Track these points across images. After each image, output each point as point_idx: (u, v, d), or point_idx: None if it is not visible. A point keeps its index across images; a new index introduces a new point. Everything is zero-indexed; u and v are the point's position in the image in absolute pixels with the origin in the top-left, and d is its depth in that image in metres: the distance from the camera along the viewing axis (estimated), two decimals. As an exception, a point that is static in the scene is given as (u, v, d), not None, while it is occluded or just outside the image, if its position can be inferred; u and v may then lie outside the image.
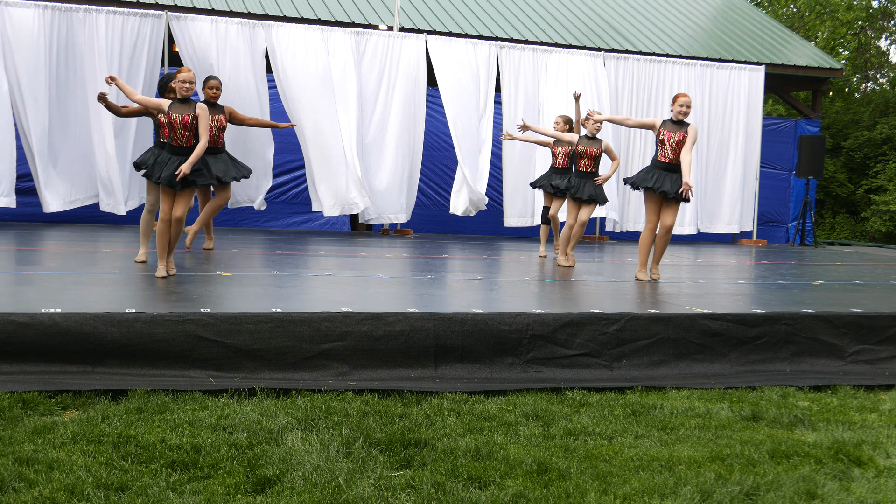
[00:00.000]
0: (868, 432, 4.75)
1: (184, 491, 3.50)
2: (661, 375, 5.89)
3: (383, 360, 5.50)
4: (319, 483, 3.62)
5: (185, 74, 7.02)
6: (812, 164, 16.34)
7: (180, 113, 7.00)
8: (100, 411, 4.44)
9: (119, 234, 11.28)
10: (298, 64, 13.03)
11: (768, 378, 5.96)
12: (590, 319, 5.94)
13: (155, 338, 5.18)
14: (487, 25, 15.94)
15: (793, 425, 4.86)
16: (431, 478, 3.72)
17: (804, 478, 3.95)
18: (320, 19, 14.50)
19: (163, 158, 7.07)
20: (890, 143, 22.09)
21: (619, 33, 17.13)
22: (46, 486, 3.46)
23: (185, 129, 7.00)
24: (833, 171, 22.50)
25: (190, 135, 7.01)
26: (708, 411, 5.03)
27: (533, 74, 14.24)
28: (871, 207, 21.42)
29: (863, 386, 5.87)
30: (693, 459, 4.16)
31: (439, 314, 5.67)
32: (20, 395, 4.55)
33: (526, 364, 5.72)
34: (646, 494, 3.69)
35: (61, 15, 12.11)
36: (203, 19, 12.69)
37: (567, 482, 3.76)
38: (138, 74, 12.33)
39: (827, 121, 22.84)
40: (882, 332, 6.54)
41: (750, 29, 19.06)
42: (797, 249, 15.25)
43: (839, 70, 18.27)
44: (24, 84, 11.93)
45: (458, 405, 4.91)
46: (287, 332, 5.37)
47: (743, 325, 6.25)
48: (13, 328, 4.99)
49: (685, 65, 15.34)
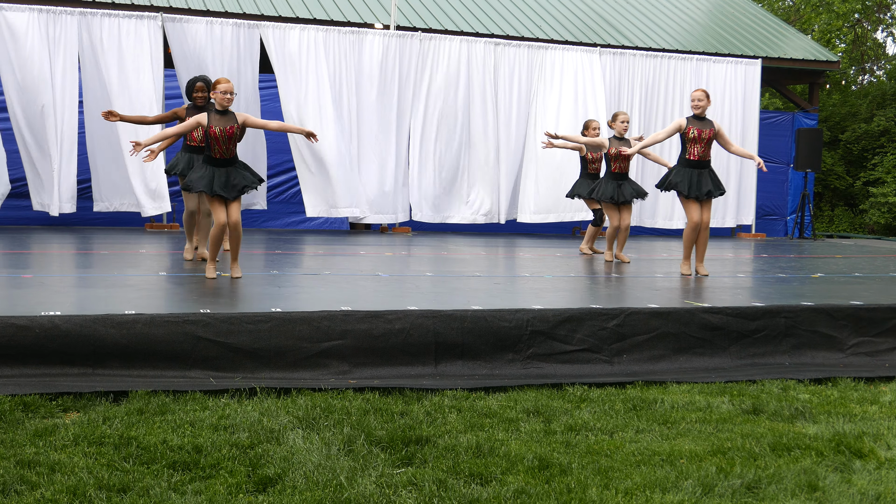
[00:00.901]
0: (869, 424, 4.75)
1: (185, 491, 3.50)
2: (661, 370, 5.89)
3: (383, 357, 5.50)
4: (321, 481, 3.62)
5: (225, 85, 6.94)
6: (810, 158, 16.34)
7: (223, 125, 6.97)
8: (101, 413, 4.44)
9: (114, 237, 11.28)
10: (299, 64, 13.03)
11: (768, 371, 5.97)
12: (589, 315, 5.94)
13: (155, 339, 5.18)
14: (483, 22, 15.93)
15: (794, 418, 4.87)
16: (433, 475, 3.73)
17: (805, 470, 3.95)
18: (316, 19, 14.49)
19: (208, 173, 7.07)
20: (887, 135, 22.09)
21: (615, 28, 17.12)
22: (48, 488, 3.46)
23: (229, 140, 7.00)
24: (831, 164, 22.49)
25: (234, 146, 7.05)
26: (709, 405, 5.03)
27: (527, 71, 14.23)
28: (870, 200, 21.41)
29: (863, 378, 5.87)
30: (694, 453, 4.16)
31: (439, 311, 5.68)
32: (21, 398, 4.55)
33: (526, 360, 5.72)
34: (647, 489, 3.69)
35: (55, 18, 12.10)
36: (197, 20, 12.68)
37: (569, 477, 3.77)
38: (140, 79, 12.29)
39: (824, 114, 22.84)
40: (882, 323, 6.55)
41: (746, 22, 19.05)
42: (796, 242, 15.25)
43: (836, 63, 18.26)
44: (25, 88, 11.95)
45: (459, 402, 4.91)
46: (287, 332, 5.37)
47: (743, 318, 6.26)
48: (13, 331, 4.99)
49: (681, 59, 15.33)
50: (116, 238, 11.06)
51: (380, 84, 13.54)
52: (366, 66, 13.46)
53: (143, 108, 12.13)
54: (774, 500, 3.64)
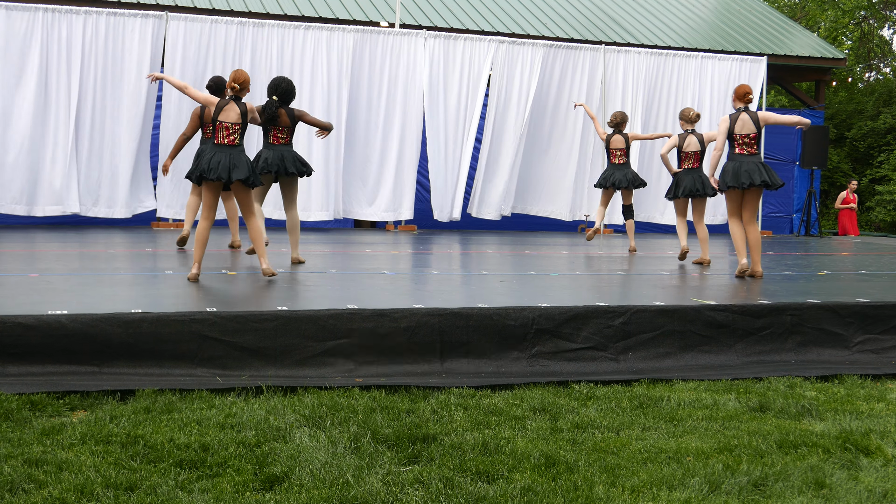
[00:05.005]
0: (876, 421, 4.74)
1: (193, 490, 3.51)
2: (667, 367, 5.89)
3: (389, 356, 5.51)
4: (327, 479, 3.62)
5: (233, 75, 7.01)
6: (816, 155, 16.31)
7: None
8: (108, 412, 4.45)
9: (119, 236, 11.30)
10: (301, 62, 13.06)
11: (774, 369, 5.96)
12: (595, 313, 5.94)
13: (161, 338, 5.19)
14: (489, 21, 15.92)
15: (800, 415, 4.86)
16: (440, 472, 3.73)
17: (812, 467, 3.94)
18: (321, 17, 14.50)
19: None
20: (894, 132, 22.04)
21: (621, 26, 17.10)
22: (56, 486, 3.47)
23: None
24: (837, 162, 22.45)
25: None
26: (715, 402, 5.03)
27: (529, 69, 14.21)
28: (876, 197, 21.37)
29: (869, 375, 5.86)
30: (701, 451, 4.16)
31: (444, 310, 5.68)
32: (28, 397, 4.56)
33: (532, 358, 5.72)
34: (654, 486, 3.69)
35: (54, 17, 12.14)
36: (201, 19, 12.71)
37: (575, 475, 3.77)
38: (139, 76, 12.34)
39: (830, 111, 22.79)
40: (888, 321, 6.53)
41: (751, 20, 19.00)
42: (802, 240, 15.23)
43: (842, 60, 18.22)
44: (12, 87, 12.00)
45: (465, 400, 4.91)
46: (293, 330, 5.38)
47: (748, 316, 6.25)
48: (20, 331, 5.00)
49: (686, 57, 15.30)
50: (122, 237, 11.08)
51: (386, 82, 13.57)
52: (367, 63, 13.48)
53: (137, 106, 12.29)
54: (781, 497, 3.64)
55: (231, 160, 6.82)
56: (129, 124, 12.37)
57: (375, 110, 13.60)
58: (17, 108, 12.03)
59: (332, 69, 13.26)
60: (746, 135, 7.95)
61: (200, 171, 6.83)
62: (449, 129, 13.93)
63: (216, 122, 6.90)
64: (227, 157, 6.82)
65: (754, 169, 7.84)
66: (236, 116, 6.88)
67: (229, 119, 6.88)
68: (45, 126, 12.13)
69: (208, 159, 6.82)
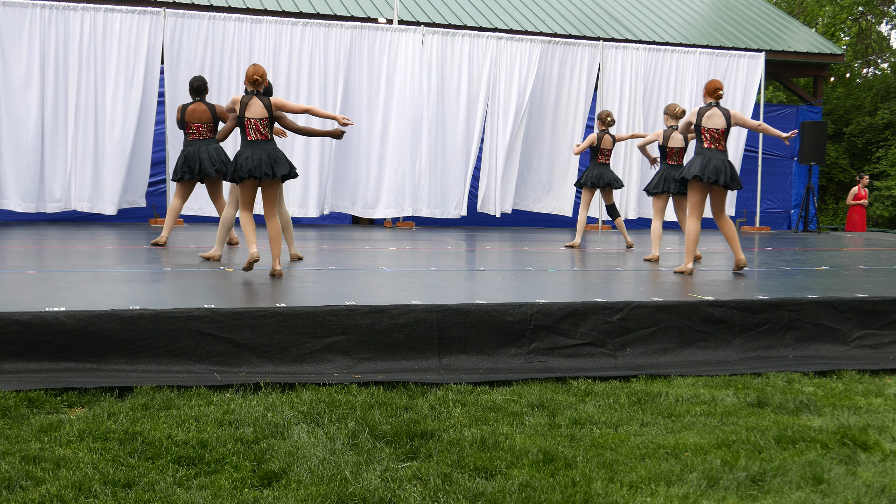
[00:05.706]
0: (873, 416, 4.75)
1: (191, 486, 3.51)
2: (665, 363, 5.89)
3: (387, 352, 5.50)
4: (326, 476, 3.62)
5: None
6: (814, 151, 16.31)
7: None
8: (105, 408, 4.45)
9: (117, 232, 11.29)
10: (300, 59, 13.05)
11: (773, 364, 5.96)
12: (593, 308, 5.94)
13: (159, 334, 5.19)
14: (487, 17, 15.91)
15: (798, 411, 4.86)
16: (438, 469, 3.73)
17: (810, 463, 3.95)
18: (318, 13, 14.48)
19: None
20: (892, 128, 22.04)
21: (619, 22, 17.09)
22: (54, 483, 3.47)
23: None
24: (835, 157, 22.46)
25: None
26: (713, 398, 5.03)
27: (528, 66, 14.20)
28: (874, 193, 21.38)
29: (867, 370, 5.86)
30: (699, 446, 4.16)
31: (442, 306, 5.67)
32: (26, 394, 4.56)
33: (530, 354, 5.72)
34: (652, 482, 3.69)
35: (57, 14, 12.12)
36: (198, 15, 12.70)
37: (573, 471, 3.77)
38: (136, 73, 12.33)
39: (828, 107, 22.80)
40: (886, 316, 6.54)
41: (749, 15, 19.00)
42: (800, 235, 15.23)
43: (840, 56, 18.21)
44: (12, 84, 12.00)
45: (464, 396, 4.91)
46: (291, 327, 5.38)
47: (746, 311, 6.25)
48: (18, 327, 5.00)
49: (684, 53, 15.30)
50: (120, 233, 11.08)
51: (385, 78, 13.56)
52: (365, 60, 13.46)
53: (135, 101, 12.28)
54: (779, 492, 3.64)
55: (269, 155, 6.90)
56: (126, 120, 12.36)
57: (373, 107, 13.58)
58: (15, 104, 12.01)
59: (329, 65, 13.26)
60: (716, 129, 7.93)
61: (248, 172, 6.86)
62: (448, 125, 13.91)
63: (243, 120, 6.93)
64: (266, 153, 6.90)
65: (721, 167, 7.84)
66: (262, 111, 6.92)
67: (255, 115, 6.91)
68: (42, 122, 12.12)
69: (247, 157, 6.86)
